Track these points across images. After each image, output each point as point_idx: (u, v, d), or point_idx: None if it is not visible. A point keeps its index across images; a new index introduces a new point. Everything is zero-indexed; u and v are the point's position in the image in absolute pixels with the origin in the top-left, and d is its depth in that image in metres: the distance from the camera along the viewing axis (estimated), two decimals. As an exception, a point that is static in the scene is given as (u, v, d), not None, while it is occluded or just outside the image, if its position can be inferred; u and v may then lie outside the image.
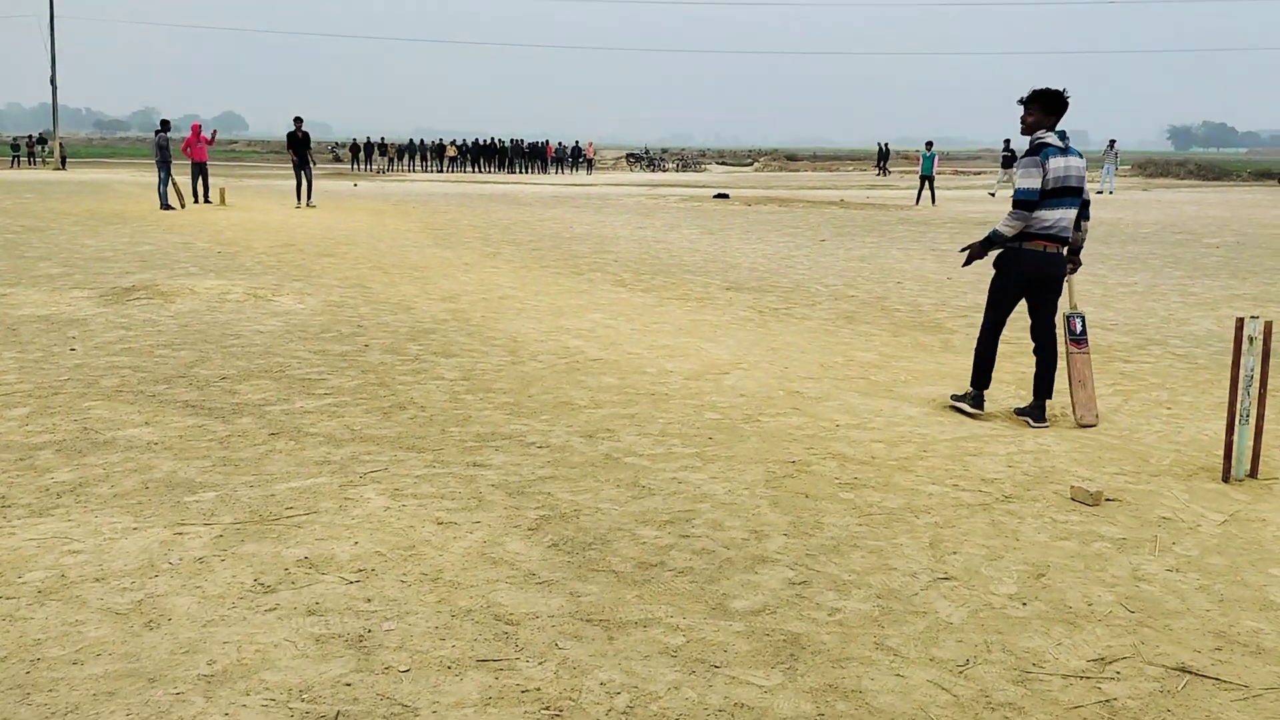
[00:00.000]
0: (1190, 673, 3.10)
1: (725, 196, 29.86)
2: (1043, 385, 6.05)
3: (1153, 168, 55.42)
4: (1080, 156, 5.85)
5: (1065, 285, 6.10)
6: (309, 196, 23.02)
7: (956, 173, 57.51)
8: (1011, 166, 31.88)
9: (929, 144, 30.05)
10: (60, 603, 3.40)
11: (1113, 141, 38.08)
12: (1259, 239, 18.07)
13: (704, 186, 38.12)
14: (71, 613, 3.33)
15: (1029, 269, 5.90)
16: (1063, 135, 5.81)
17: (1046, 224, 5.79)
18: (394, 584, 3.60)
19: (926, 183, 28.66)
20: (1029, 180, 5.71)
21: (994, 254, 6.10)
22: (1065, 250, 5.95)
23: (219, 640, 3.16)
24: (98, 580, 3.58)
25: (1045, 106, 5.80)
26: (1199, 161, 63.07)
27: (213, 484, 4.65)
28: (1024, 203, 5.73)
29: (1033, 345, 6.12)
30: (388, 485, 4.67)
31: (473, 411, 6.02)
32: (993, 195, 32.46)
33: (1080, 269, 6.46)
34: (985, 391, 6.22)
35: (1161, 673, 3.10)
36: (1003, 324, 6.15)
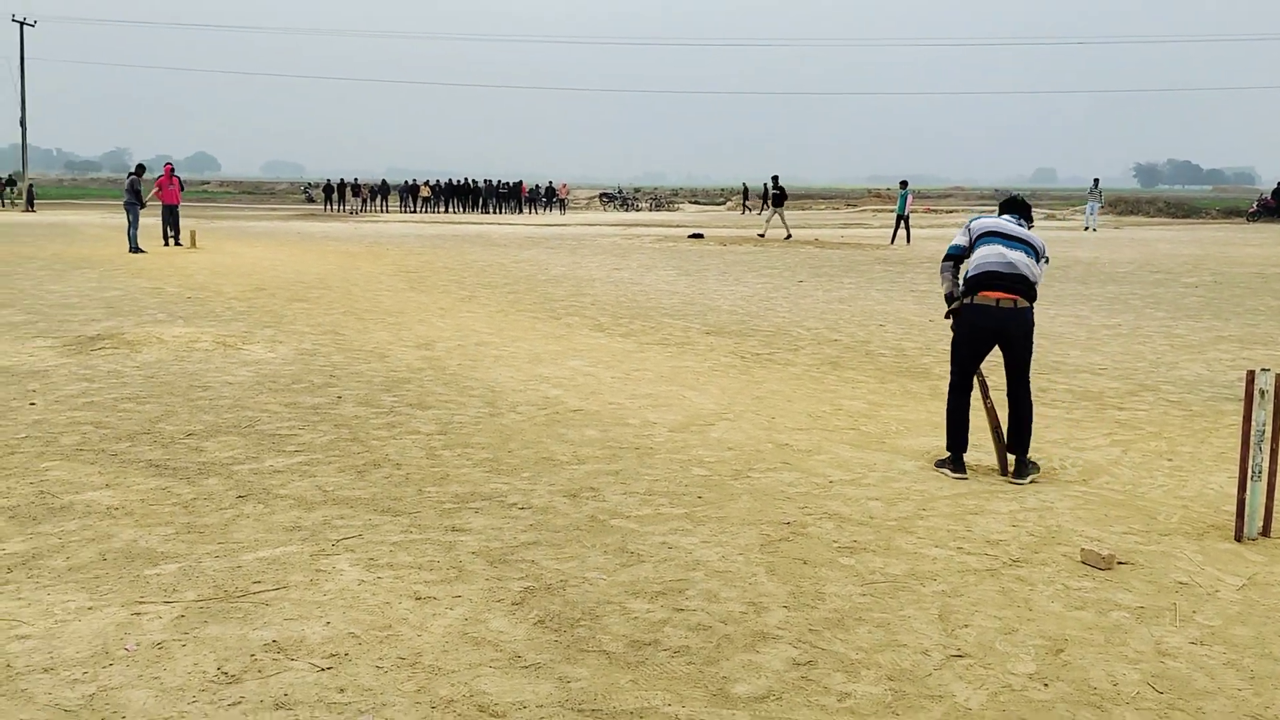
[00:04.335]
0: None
1: (700, 236, 29.77)
2: (1016, 441, 5.81)
3: (1123, 205, 55.73)
4: (1026, 229, 5.96)
5: None
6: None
7: (929, 210, 57.80)
8: (781, 205, 30.49)
9: (903, 183, 30.04)
10: (4, 698, 3.11)
11: (1096, 180, 38.56)
12: (1235, 278, 18.11)
13: (678, 226, 38.07)
14: (16, 710, 3.04)
15: (978, 323, 5.82)
16: (1019, 221, 6.02)
17: (975, 267, 5.82)
18: (369, 670, 3.33)
19: (902, 222, 28.69)
20: (955, 240, 6.08)
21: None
22: (1022, 300, 5.72)
23: (177, 741, 2.89)
24: (46, 670, 3.29)
25: (1004, 207, 6.23)
26: (1168, 199, 63.61)
27: (175, 554, 4.37)
28: (948, 256, 6.06)
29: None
30: (362, 554, 4.40)
31: (450, 469, 5.77)
32: (761, 235, 29.37)
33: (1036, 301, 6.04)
34: (965, 454, 5.94)
35: (1199, 764, 2.88)
36: (964, 384, 5.95)
